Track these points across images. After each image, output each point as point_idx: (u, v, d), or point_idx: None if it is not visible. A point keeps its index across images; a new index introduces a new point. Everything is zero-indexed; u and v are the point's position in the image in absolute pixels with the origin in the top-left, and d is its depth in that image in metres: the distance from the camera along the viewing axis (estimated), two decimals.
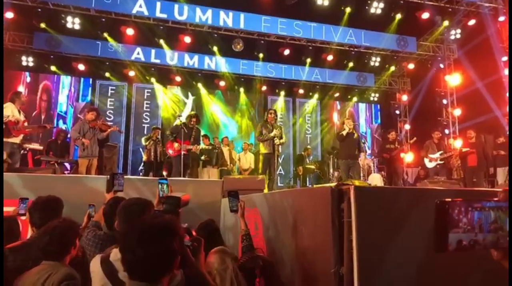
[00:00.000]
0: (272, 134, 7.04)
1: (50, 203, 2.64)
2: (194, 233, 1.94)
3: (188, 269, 1.63)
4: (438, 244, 0.72)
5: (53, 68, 11.85)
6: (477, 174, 8.62)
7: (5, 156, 5.74)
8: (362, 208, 1.99)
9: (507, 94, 10.42)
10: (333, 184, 2.39)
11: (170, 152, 7.42)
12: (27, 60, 11.50)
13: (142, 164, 10.85)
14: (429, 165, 8.94)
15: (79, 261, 2.26)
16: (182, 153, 7.10)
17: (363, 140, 8.41)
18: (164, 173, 8.97)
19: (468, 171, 8.83)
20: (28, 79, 11.99)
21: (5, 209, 3.37)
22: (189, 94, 13.54)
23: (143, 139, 11.46)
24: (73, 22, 10.46)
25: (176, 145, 7.22)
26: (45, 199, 2.66)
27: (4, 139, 5.74)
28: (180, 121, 7.45)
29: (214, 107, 13.76)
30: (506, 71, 10.77)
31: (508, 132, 8.72)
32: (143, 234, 1.32)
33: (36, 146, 9.13)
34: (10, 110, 5.93)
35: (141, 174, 10.98)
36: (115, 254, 1.79)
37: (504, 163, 8.19)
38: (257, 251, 2.80)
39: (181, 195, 1.96)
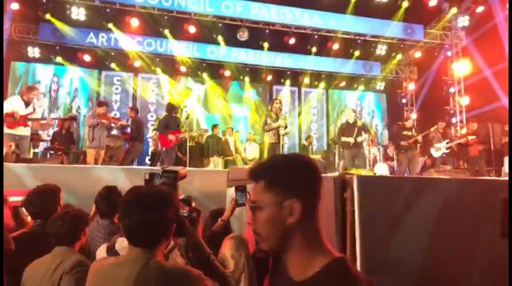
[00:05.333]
0: (277, 124, 7.05)
1: (47, 191, 2.67)
2: (193, 204, 1.97)
3: (186, 237, 1.69)
4: None
5: (59, 59, 11.89)
6: (479, 163, 8.56)
7: (13, 147, 5.82)
8: (365, 197, 2.00)
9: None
10: (336, 173, 2.39)
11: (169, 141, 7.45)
12: (33, 51, 11.54)
13: (150, 154, 10.88)
14: (436, 154, 8.91)
15: (82, 249, 2.31)
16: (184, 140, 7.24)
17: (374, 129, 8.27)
18: None
19: (471, 160, 8.76)
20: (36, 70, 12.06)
21: (14, 198, 3.43)
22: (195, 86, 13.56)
23: (150, 130, 11.52)
24: (78, 13, 10.48)
25: (171, 137, 7.27)
26: (41, 188, 2.68)
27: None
28: (186, 112, 7.58)
29: (219, 97, 13.75)
30: None
31: (508, 125, 8.62)
32: (139, 202, 1.41)
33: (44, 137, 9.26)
34: (9, 103, 6.01)
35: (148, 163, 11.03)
36: (120, 243, 1.83)
37: None
38: None
39: (179, 169, 1.97)
